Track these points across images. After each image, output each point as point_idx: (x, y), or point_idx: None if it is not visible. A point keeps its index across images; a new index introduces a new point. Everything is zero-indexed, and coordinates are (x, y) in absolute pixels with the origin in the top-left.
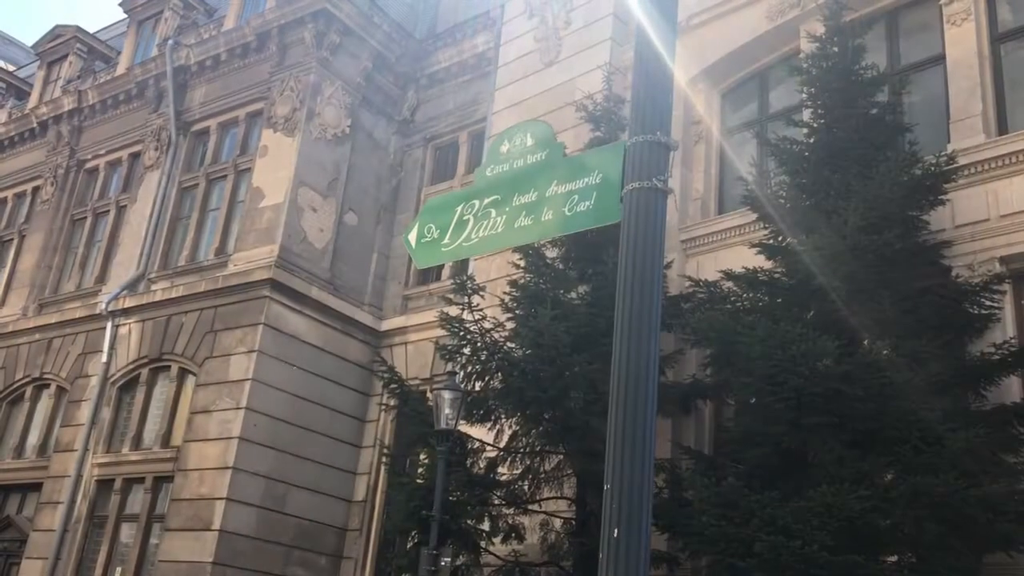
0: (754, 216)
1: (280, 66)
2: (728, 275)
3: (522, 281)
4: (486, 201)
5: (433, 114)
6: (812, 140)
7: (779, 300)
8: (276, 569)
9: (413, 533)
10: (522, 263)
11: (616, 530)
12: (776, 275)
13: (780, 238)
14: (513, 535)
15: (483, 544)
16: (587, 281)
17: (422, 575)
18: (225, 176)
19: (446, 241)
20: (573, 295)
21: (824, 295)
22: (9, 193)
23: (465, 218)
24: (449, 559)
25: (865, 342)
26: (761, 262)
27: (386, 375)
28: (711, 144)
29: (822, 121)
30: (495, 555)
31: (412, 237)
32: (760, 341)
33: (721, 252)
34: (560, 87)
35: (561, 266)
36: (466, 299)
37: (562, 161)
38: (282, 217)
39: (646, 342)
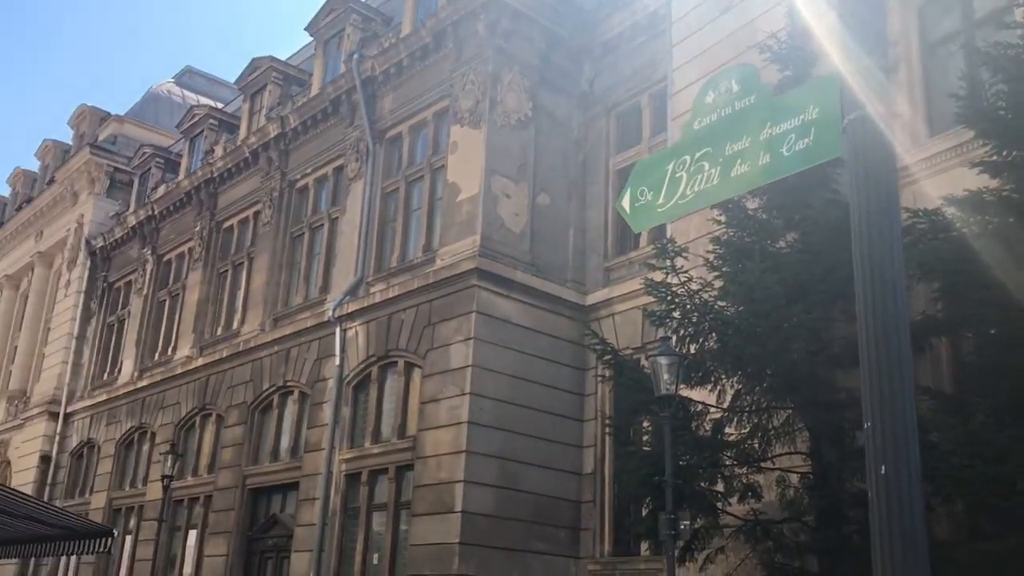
0: (970, 134)
1: (459, 61)
2: (950, 200)
3: (725, 237)
4: (698, 155)
5: (611, 82)
6: None
7: (1011, 220)
8: (518, 545)
9: (647, 500)
10: (722, 218)
11: (883, 467)
12: (1005, 192)
13: (1005, 152)
14: (750, 494)
15: (720, 505)
16: (794, 228)
17: (662, 540)
18: (422, 176)
19: (660, 201)
20: (781, 244)
21: None
22: (234, 221)
23: (678, 175)
24: (688, 522)
25: None
26: (985, 182)
27: (598, 348)
28: (912, 65)
29: None
30: (733, 515)
31: (625, 202)
32: (996, 266)
33: (937, 178)
34: (740, 31)
35: (764, 216)
36: (669, 262)
37: (772, 102)
38: (479, 208)
39: (890, 273)
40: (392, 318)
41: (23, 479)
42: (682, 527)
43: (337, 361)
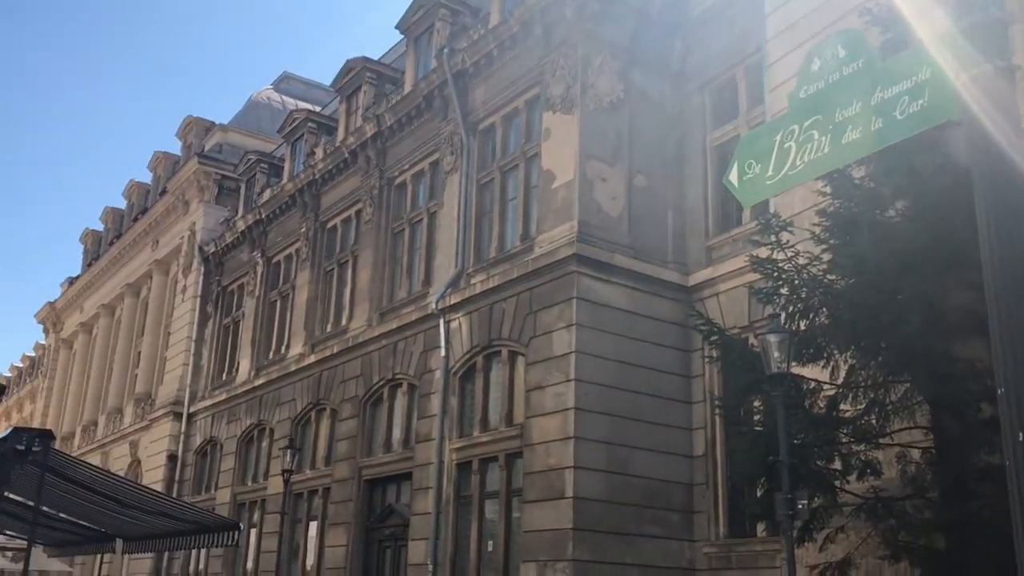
0: None
1: (548, 48)
2: None
3: (831, 208)
4: (806, 124)
5: (704, 58)
6: None
7: None
8: (631, 529)
9: (761, 480)
10: (828, 189)
11: (1021, 434)
12: None
13: None
14: (869, 471)
15: (838, 483)
16: (903, 195)
17: (779, 520)
18: (516, 166)
19: (770, 174)
20: (891, 213)
21: None
22: (338, 220)
23: (786, 146)
24: (805, 502)
25: None
26: None
27: (704, 328)
28: None
29: None
30: (853, 493)
31: (733, 177)
32: None
33: None
34: None
35: (872, 185)
36: (774, 238)
37: (882, 65)
38: (575, 193)
39: (1018, 238)
40: (494, 308)
41: (153, 477)
42: (800, 507)
43: (442, 353)
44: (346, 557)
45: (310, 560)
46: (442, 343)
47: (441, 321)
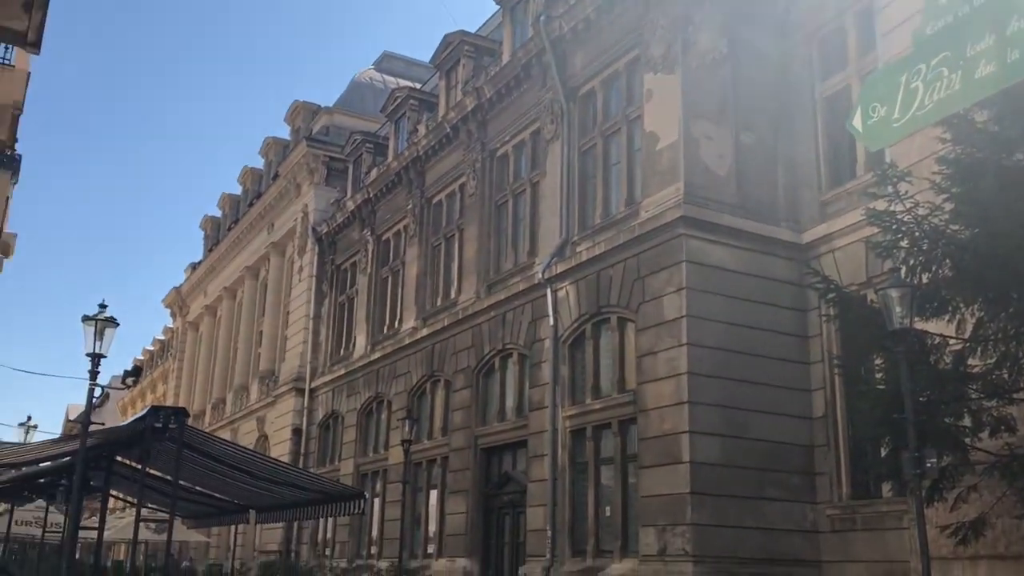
0: None
1: (647, 7)
2: None
3: (952, 155)
4: (934, 62)
5: (809, 8)
6: None
7: None
8: (750, 492)
9: (886, 439)
10: (948, 135)
11: None
12: None
13: None
14: (1002, 427)
15: (968, 441)
16: None
17: (907, 480)
18: (618, 129)
19: (896, 116)
20: (1018, 156)
21: None
22: (442, 195)
23: (913, 86)
24: (934, 460)
25: None
26: None
27: (821, 286)
28: None
29: None
30: (985, 451)
31: (857, 121)
32: None
33: None
34: None
35: (996, 128)
36: (892, 189)
37: None
38: (680, 154)
39: None
40: (600, 275)
41: (279, 451)
42: (928, 465)
43: (551, 322)
44: (466, 524)
45: (432, 527)
46: (550, 312)
47: (548, 290)
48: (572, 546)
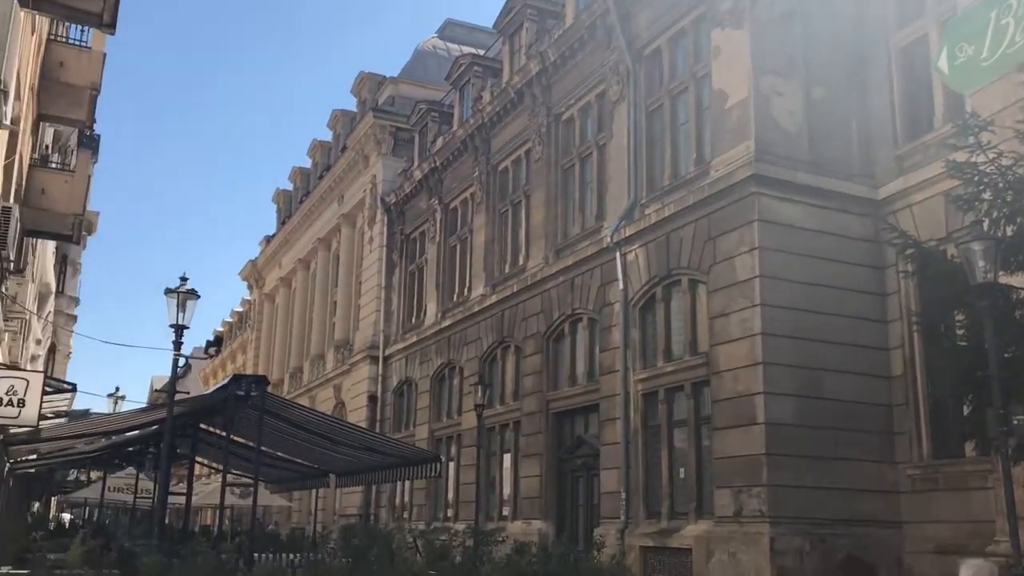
0: None
1: None
2: None
3: None
4: None
5: None
6: None
7: None
8: (827, 453)
9: (968, 397)
10: None
11: None
12: None
13: None
14: None
15: None
16: None
17: (992, 438)
18: (686, 88)
19: (984, 55)
20: None
21: None
22: (508, 161)
23: (1003, 22)
24: (1021, 417)
25: None
26: None
27: (899, 242)
28: None
29: None
30: None
31: (943, 63)
32: None
33: None
34: None
35: None
36: (973, 139)
37: None
38: (750, 111)
39: None
40: (670, 237)
41: (356, 417)
42: (1015, 423)
43: (620, 286)
44: (540, 487)
45: (507, 490)
46: (619, 276)
47: (617, 254)
48: (646, 508)
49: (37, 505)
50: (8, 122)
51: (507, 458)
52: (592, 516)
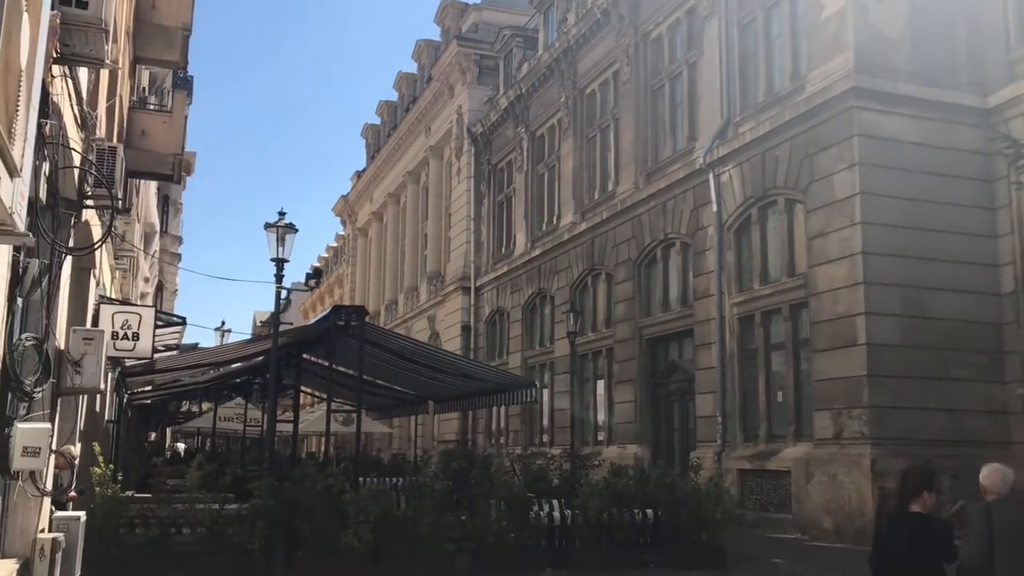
0: None
1: None
2: None
3: None
4: None
5: None
6: None
7: None
8: (932, 373)
9: None
10: None
11: None
12: None
13: None
14: None
15: None
16: None
17: None
18: (780, 0)
19: None
20: None
21: None
22: (595, 85)
23: None
24: None
25: None
26: None
27: (1010, 152)
28: None
29: None
30: None
31: None
32: None
33: None
34: None
35: None
36: None
37: None
38: (848, 20)
39: None
40: (766, 156)
41: (450, 347)
42: None
43: (714, 208)
44: (635, 412)
45: (600, 416)
46: (713, 198)
47: (711, 175)
48: (743, 431)
49: (154, 435)
50: (109, 61)
51: (600, 384)
52: (688, 440)
